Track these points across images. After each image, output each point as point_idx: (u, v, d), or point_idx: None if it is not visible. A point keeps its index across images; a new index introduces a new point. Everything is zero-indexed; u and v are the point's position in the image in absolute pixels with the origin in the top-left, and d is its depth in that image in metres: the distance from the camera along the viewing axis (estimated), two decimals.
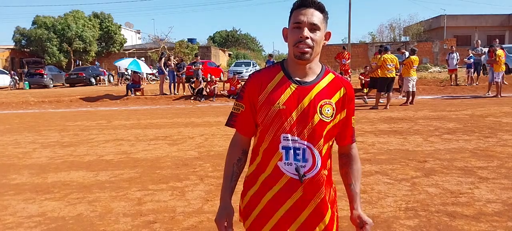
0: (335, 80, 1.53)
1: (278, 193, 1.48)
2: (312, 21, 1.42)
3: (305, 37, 1.41)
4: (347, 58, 15.05)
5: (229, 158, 1.59)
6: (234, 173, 1.57)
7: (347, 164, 1.63)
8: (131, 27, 52.49)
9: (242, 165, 1.60)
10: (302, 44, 1.42)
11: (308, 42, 1.42)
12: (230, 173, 1.57)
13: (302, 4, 1.44)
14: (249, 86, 1.53)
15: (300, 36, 1.42)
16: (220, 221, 1.50)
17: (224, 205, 1.53)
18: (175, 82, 16.47)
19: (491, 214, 3.38)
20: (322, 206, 1.51)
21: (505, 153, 5.42)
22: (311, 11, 1.43)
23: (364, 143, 6.33)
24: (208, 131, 8.10)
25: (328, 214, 1.53)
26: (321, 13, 1.45)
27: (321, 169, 1.47)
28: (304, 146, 1.44)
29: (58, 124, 10.12)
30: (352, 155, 1.63)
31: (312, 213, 1.50)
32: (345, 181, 1.63)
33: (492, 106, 10.37)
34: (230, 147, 1.61)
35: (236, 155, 1.58)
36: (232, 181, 1.56)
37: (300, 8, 1.44)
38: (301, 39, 1.42)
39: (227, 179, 1.56)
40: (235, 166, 1.57)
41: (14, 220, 3.64)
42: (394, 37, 41.11)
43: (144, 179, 4.83)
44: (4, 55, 33.59)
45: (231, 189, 1.56)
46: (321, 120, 1.46)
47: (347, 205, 1.66)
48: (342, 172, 1.65)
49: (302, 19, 1.42)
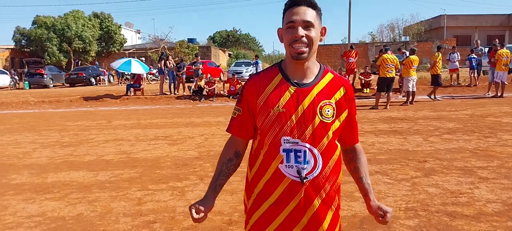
0: (334, 80, 1.52)
1: (280, 196, 1.48)
2: (305, 18, 1.41)
3: (300, 36, 1.41)
4: (355, 56, 15.07)
5: (221, 157, 1.61)
6: (222, 172, 1.58)
7: (355, 159, 1.64)
8: (131, 27, 52.50)
9: (232, 166, 1.60)
10: (297, 44, 1.41)
11: (303, 41, 1.41)
12: (218, 171, 1.59)
13: (294, 3, 1.44)
14: (247, 89, 1.53)
15: (295, 36, 1.41)
16: (192, 206, 1.51)
17: (204, 197, 1.55)
18: (175, 82, 16.48)
19: (491, 214, 3.38)
20: (324, 207, 1.50)
21: (505, 153, 5.42)
22: (304, 9, 1.42)
23: (364, 143, 6.33)
24: (208, 131, 8.10)
25: (329, 215, 1.52)
26: (314, 10, 1.44)
27: (322, 170, 1.47)
28: (305, 148, 1.44)
29: (58, 124, 10.11)
30: (358, 150, 1.65)
31: (314, 215, 1.49)
32: (355, 175, 1.64)
33: (492, 106, 10.37)
34: (224, 147, 1.63)
35: (227, 155, 1.60)
36: (218, 179, 1.58)
37: (292, 7, 1.44)
38: (296, 38, 1.41)
39: (215, 176, 1.59)
40: (225, 166, 1.59)
41: (14, 220, 3.64)
42: (394, 37, 41.13)
43: (144, 179, 4.83)
44: (4, 55, 33.60)
45: (216, 186, 1.57)
46: (322, 121, 1.45)
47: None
48: (350, 167, 1.65)
49: (295, 18, 1.41)
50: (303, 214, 1.48)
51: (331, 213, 1.53)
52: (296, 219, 1.48)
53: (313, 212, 1.48)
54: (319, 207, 1.48)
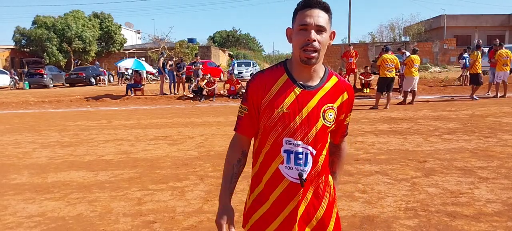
0: (338, 84, 1.52)
1: (278, 198, 1.49)
2: (318, 22, 1.38)
3: (313, 40, 1.38)
4: (355, 56, 15.07)
5: (228, 159, 1.56)
6: (234, 174, 1.54)
7: (335, 153, 1.69)
8: (131, 27, 52.48)
9: (242, 166, 1.57)
10: (309, 48, 1.38)
11: (315, 46, 1.38)
12: (229, 174, 1.54)
13: (307, 5, 1.40)
14: (252, 88, 1.50)
15: (308, 39, 1.38)
16: (220, 222, 1.46)
17: (223, 206, 1.49)
18: (175, 82, 16.48)
19: (491, 214, 3.38)
20: (319, 201, 1.52)
21: (505, 153, 5.42)
22: (317, 12, 1.38)
23: (364, 143, 6.33)
24: (208, 131, 8.10)
25: (328, 214, 1.55)
26: (326, 14, 1.41)
27: (315, 167, 1.48)
28: (307, 150, 1.44)
29: (58, 124, 10.11)
30: (341, 147, 1.69)
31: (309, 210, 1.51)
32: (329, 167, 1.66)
33: (492, 106, 10.37)
34: (229, 148, 1.58)
35: (236, 156, 1.55)
36: (231, 182, 1.54)
37: (305, 9, 1.40)
38: (309, 42, 1.38)
39: (227, 180, 1.53)
40: (235, 167, 1.55)
41: (14, 220, 3.64)
42: (394, 37, 41.13)
43: (144, 179, 4.83)
44: (4, 55, 33.58)
45: (231, 190, 1.53)
46: (324, 124, 1.46)
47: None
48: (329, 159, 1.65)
49: (309, 21, 1.38)
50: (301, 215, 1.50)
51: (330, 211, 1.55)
52: (294, 219, 1.49)
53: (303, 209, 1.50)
54: (314, 202, 1.51)
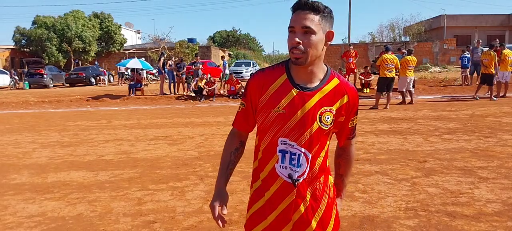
0: (339, 86, 1.50)
1: (272, 196, 1.51)
2: (304, 24, 1.38)
3: (296, 43, 1.39)
4: (355, 56, 15.07)
5: (226, 147, 1.63)
6: (231, 161, 1.61)
7: (342, 156, 1.69)
8: (131, 27, 52.47)
9: (239, 155, 1.64)
10: (295, 50, 1.40)
11: (299, 48, 1.39)
12: (227, 161, 1.60)
13: (295, 7, 1.42)
14: (251, 86, 1.54)
15: (291, 42, 1.40)
16: (214, 204, 1.52)
17: (218, 191, 1.56)
18: (175, 82, 16.48)
19: (491, 214, 3.38)
20: (315, 204, 1.52)
21: (505, 153, 5.42)
22: (303, 15, 1.39)
23: (364, 143, 6.33)
24: (208, 131, 8.10)
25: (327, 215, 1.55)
26: (317, 15, 1.40)
27: (312, 170, 1.49)
28: (300, 152, 1.46)
29: (58, 124, 10.11)
30: (349, 151, 1.68)
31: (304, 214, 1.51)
32: (337, 170, 1.69)
33: (492, 106, 10.37)
34: (228, 137, 1.65)
35: (234, 145, 1.63)
36: (228, 169, 1.60)
37: (294, 11, 1.42)
38: (293, 45, 1.40)
39: (224, 166, 1.60)
40: (233, 155, 1.61)
41: (14, 220, 3.64)
42: (394, 37, 41.12)
43: (144, 179, 4.83)
44: (4, 55, 33.57)
45: (227, 176, 1.59)
46: (320, 127, 1.46)
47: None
48: (336, 161, 1.70)
49: (294, 24, 1.40)
50: (293, 214, 1.51)
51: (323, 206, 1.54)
52: (286, 219, 1.51)
53: (303, 211, 1.50)
54: (309, 205, 1.51)
